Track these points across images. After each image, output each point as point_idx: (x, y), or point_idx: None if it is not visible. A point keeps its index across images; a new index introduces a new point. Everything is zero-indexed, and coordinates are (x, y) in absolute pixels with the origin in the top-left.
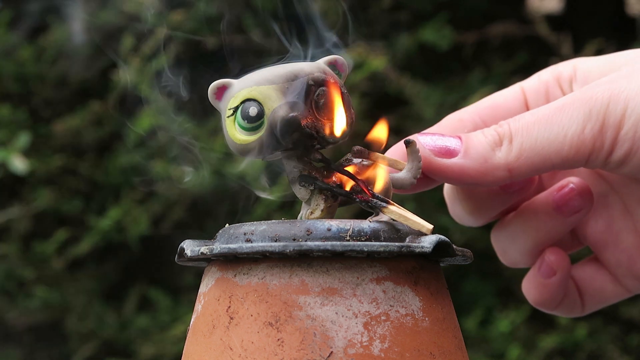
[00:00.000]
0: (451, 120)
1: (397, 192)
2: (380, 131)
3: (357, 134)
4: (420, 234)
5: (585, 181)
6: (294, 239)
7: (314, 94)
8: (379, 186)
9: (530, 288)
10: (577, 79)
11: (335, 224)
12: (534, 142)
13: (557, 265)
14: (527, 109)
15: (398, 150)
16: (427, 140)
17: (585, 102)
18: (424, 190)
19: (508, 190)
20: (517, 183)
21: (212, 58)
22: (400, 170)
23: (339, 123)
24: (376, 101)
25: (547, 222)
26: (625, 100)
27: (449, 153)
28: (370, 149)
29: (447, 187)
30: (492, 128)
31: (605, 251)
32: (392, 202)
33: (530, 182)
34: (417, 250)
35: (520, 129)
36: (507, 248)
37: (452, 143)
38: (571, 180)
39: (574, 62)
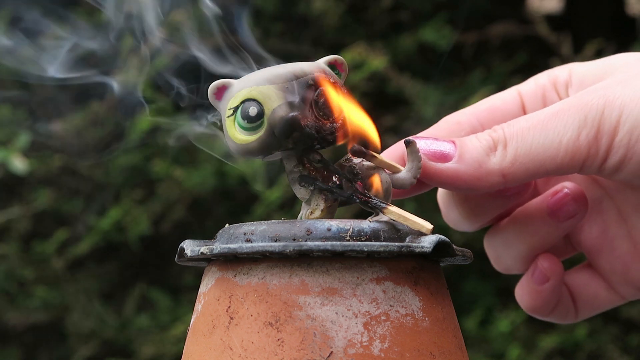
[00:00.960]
0: (448, 122)
1: (396, 197)
2: (371, 132)
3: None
4: (420, 234)
5: (580, 186)
6: (294, 239)
7: (313, 94)
8: (376, 189)
9: (523, 294)
10: (572, 83)
11: (335, 224)
12: (529, 148)
13: (550, 271)
14: (525, 112)
15: (397, 150)
16: (421, 144)
17: (581, 108)
18: (419, 193)
19: (503, 195)
20: (512, 188)
21: (212, 58)
22: (397, 173)
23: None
24: (376, 101)
25: (542, 227)
26: (620, 106)
27: (444, 157)
28: (367, 148)
29: (441, 192)
30: (486, 133)
31: (599, 257)
32: (389, 203)
33: (526, 186)
34: (417, 250)
35: (515, 135)
36: (501, 253)
37: (446, 147)
38: (566, 185)
39: (570, 66)
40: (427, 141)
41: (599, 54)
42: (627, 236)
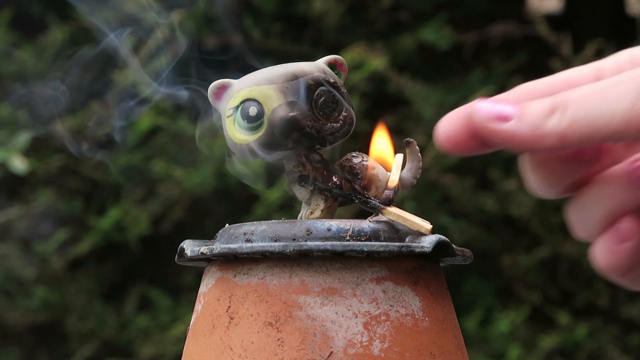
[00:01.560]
0: (522, 89)
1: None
2: (383, 147)
3: (357, 134)
4: (420, 234)
5: None
6: (294, 239)
7: (313, 94)
8: (375, 189)
9: (599, 253)
10: None
11: (335, 224)
12: (585, 113)
13: (631, 232)
14: None
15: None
16: (485, 104)
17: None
18: (484, 153)
19: (578, 159)
20: (586, 153)
21: (212, 58)
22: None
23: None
24: (376, 101)
25: (621, 192)
26: None
27: (504, 118)
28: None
29: (523, 159)
30: (549, 98)
31: None
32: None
33: (600, 152)
34: (417, 250)
35: (574, 100)
36: (582, 218)
37: (507, 109)
38: None
39: None
40: (491, 103)
41: (599, 54)
42: None
